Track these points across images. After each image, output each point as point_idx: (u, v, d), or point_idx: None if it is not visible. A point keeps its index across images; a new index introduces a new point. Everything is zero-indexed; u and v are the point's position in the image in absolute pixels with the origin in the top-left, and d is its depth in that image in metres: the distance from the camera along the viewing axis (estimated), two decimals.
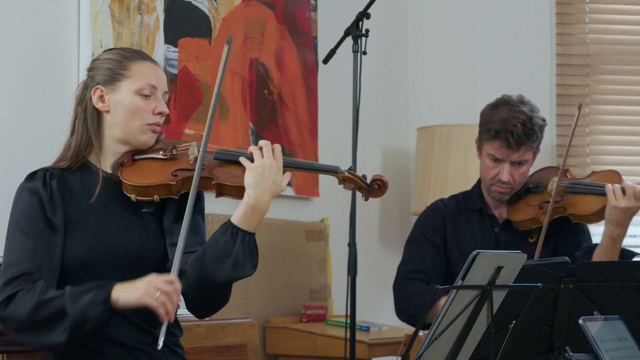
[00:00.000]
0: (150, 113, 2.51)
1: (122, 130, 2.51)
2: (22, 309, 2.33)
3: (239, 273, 2.40)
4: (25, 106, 3.36)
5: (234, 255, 2.39)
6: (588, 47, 5.17)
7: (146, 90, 2.51)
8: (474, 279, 2.22)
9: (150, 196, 2.48)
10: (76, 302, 2.30)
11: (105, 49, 2.71)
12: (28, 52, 3.37)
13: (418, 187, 4.87)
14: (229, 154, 2.55)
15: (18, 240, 2.42)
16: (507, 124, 3.34)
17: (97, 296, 2.31)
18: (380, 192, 2.61)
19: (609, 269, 2.84)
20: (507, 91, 3.56)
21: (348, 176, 2.59)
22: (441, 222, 3.50)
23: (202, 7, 4.01)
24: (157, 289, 2.28)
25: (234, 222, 2.42)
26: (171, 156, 2.54)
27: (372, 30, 3.71)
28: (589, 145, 5.11)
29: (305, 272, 4.43)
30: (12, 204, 2.49)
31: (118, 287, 2.33)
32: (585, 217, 3.36)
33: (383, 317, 4.80)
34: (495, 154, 3.38)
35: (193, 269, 2.42)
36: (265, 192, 2.42)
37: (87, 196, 2.48)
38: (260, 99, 4.29)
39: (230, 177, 2.50)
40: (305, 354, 4.09)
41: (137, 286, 2.31)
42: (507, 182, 3.38)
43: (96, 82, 2.52)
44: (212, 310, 2.53)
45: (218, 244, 2.41)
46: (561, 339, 2.73)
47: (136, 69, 2.52)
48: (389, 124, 5.14)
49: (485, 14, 5.19)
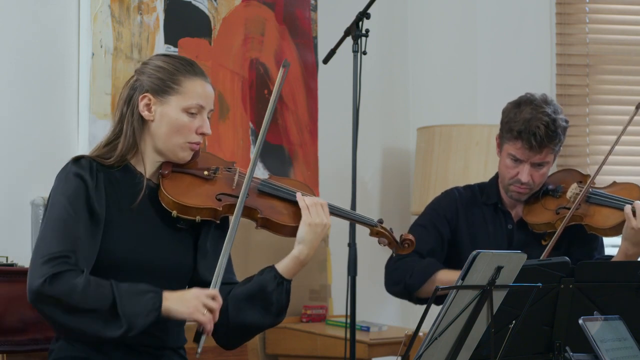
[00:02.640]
0: (194, 132, 2.50)
1: (162, 143, 2.50)
2: (75, 289, 2.29)
3: (279, 319, 2.55)
4: (25, 106, 3.36)
5: (279, 304, 2.51)
6: (588, 47, 5.16)
7: (194, 109, 2.49)
8: (474, 279, 2.22)
9: (193, 216, 2.49)
10: (130, 305, 2.31)
11: (157, 54, 2.66)
12: (28, 52, 3.37)
13: (418, 187, 4.86)
14: (274, 188, 2.60)
15: (60, 221, 2.37)
16: (530, 126, 3.26)
17: (151, 304, 2.32)
18: (409, 249, 2.75)
19: (609, 269, 2.84)
20: (507, 91, 3.55)
21: (381, 231, 2.71)
22: (453, 212, 3.45)
23: (202, 7, 4.01)
24: (204, 305, 2.35)
25: (281, 272, 2.52)
26: (213, 177, 2.55)
27: (372, 30, 3.70)
28: (589, 145, 5.10)
29: (305, 272, 4.41)
30: (54, 184, 2.44)
31: (168, 297, 2.35)
32: (602, 230, 3.30)
33: (383, 317, 4.80)
34: (516, 155, 3.31)
35: (237, 313, 2.49)
36: (314, 248, 2.57)
37: (129, 198, 2.47)
38: (260, 99, 4.29)
39: (275, 212, 2.56)
40: (305, 354, 4.09)
41: (187, 300, 2.36)
42: (526, 183, 3.32)
43: (145, 88, 2.49)
44: (239, 345, 2.60)
45: (266, 292, 2.49)
46: (561, 339, 2.73)
47: (188, 85, 2.49)
48: (389, 124, 5.14)
49: (485, 14, 5.18)
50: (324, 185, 4.55)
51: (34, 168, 3.30)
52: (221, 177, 2.55)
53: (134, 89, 2.51)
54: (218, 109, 4.04)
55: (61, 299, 2.30)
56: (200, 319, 2.34)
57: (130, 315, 2.30)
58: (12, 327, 2.62)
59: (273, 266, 2.53)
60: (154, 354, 2.48)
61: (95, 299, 2.30)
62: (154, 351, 2.48)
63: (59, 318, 2.33)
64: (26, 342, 2.64)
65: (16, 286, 2.66)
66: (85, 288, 2.30)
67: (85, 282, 2.30)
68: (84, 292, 2.29)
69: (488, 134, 4.69)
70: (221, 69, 4.07)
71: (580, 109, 5.15)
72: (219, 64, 4.07)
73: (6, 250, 3.06)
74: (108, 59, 3.58)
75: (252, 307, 2.49)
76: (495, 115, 5.12)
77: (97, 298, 2.31)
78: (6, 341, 2.57)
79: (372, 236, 2.72)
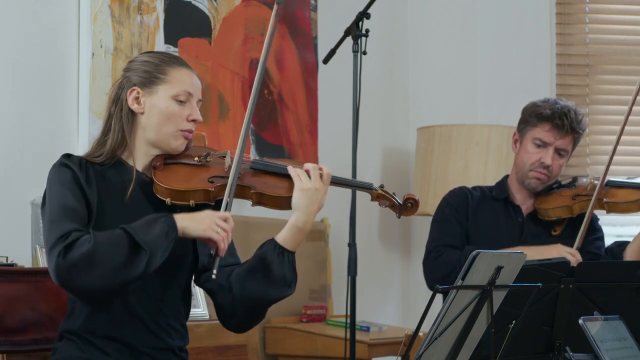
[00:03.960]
0: (184, 119, 2.53)
1: (155, 134, 2.52)
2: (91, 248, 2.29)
3: (287, 292, 2.52)
4: (25, 106, 3.36)
5: (282, 275, 2.49)
6: (588, 47, 5.17)
7: (182, 97, 2.52)
8: (474, 279, 2.22)
9: (186, 201, 2.49)
10: (147, 233, 2.33)
11: (142, 52, 2.70)
12: (28, 52, 3.37)
13: (418, 187, 4.86)
14: (266, 164, 2.61)
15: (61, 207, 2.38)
16: (562, 109, 3.44)
17: (166, 226, 2.35)
18: (413, 210, 2.71)
19: (609, 269, 2.84)
20: (507, 91, 3.58)
21: (382, 193, 2.69)
22: (465, 205, 3.53)
23: (202, 7, 4.01)
24: (217, 224, 2.37)
25: (280, 242, 2.51)
26: (205, 163, 2.56)
27: (372, 30, 3.71)
28: (589, 145, 5.10)
29: (305, 272, 4.43)
30: (47, 182, 2.45)
31: (181, 217, 2.38)
32: (624, 204, 3.40)
33: (383, 317, 4.80)
34: (543, 137, 3.43)
35: (241, 287, 2.49)
36: (311, 214, 2.55)
37: (122, 192, 2.48)
38: (260, 99, 4.29)
39: (268, 187, 2.56)
40: (305, 354, 4.09)
41: (201, 218, 2.39)
42: (548, 166, 3.42)
43: (133, 83, 2.52)
44: (251, 327, 2.59)
45: (266, 263, 2.48)
46: (561, 339, 2.73)
47: (174, 74, 2.53)
48: (389, 124, 5.14)
49: (485, 14, 5.19)
50: None
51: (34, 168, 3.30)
52: (213, 162, 2.57)
53: (122, 87, 2.55)
54: (218, 109, 4.04)
55: (81, 263, 2.29)
56: (214, 236, 2.37)
57: (151, 241, 2.32)
58: (12, 327, 2.62)
59: (273, 238, 2.54)
60: (156, 355, 2.48)
61: (114, 245, 2.31)
62: (155, 352, 2.48)
63: (89, 282, 2.30)
64: (26, 342, 2.64)
65: (16, 286, 2.66)
66: (99, 242, 2.31)
67: (96, 237, 2.32)
68: (100, 246, 2.30)
69: (488, 134, 4.70)
70: (221, 69, 4.08)
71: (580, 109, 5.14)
72: (219, 64, 4.07)
73: (6, 250, 3.06)
74: (108, 59, 3.58)
75: (254, 279, 2.48)
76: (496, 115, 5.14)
77: (115, 243, 2.32)
78: (6, 341, 2.57)
79: (373, 200, 2.72)
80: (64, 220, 2.36)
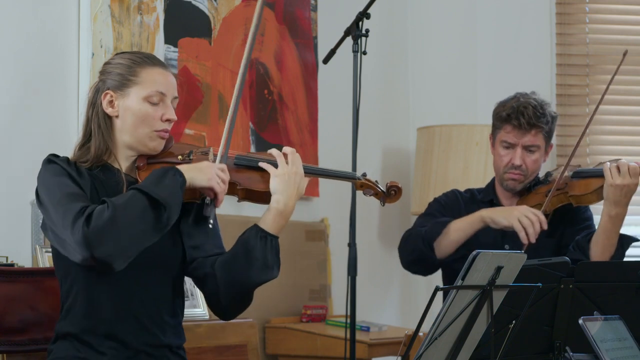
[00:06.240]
0: (159, 120, 2.54)
1: (130, 136, 2.53)
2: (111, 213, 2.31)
3: (269, 275, 2.52)
4: (25, 106, 3.36)
5: (264, 258, 2.50)
6: (588, 47, 5.17)
7: (155, 98, 2.53)
8: (474, 279, 2.22)
9: None
10: (161, 189, 2.37)
11: (117, 52, 2.71)
12: (28, 51, 3.37)
13: (418, 187, 4.87)
14: (249, 159, 2.62)
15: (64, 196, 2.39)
16: (518, 107, 3.44)
17: (177, 178, 2.40)
18: (397, 197, 2.75)
19: (609, 269, 2.84)
20: (507, 91, 3.59)
21: (366, 182, 2.73)
22: (456, 206, 3.57)
23: (202, 7, 4.01)
24: (217, 175, 2.46)
25: (262, 226, 2.53)
26: (188, 160, 2.57)
27: (372, 30, 3.71)
28: (589, 145, 5.11)
29: (305, 272, 4.43)
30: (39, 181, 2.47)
31: (185, 169, 2.44)
32: (584, 197, 3.39)
33: (383, 317, 4.80)
34: (507, 139, 3.46)
35: (224, 271, 2.50)
36: (291, 198, 2.55)
37: (115, 194, 2.47)
38: (260, 99, 4.29)
39: (252, 182, 2.59)
40: (305, 354, 4.09)
41: (203, 168, 2.47)
42: (519, 166, 3.44)
43: (107, 86, 2.54)
44: (238, 312, 2.60)
45: (247, 247, 2.50)
46: (561, 339, 2.73)
47: (145, 76, 2.53)
48: (389, 124, 5.14)
49: (485, 14, 5.19)
50: (324, 185, 4.55)
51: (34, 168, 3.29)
52: (196, 159, 2.58)
53: (97, 90, 2.56)
54: (218, 109, 4.04)
55: (107, 228, 2.31)
56: (216, 187, 2.46)
57: (167, 196, 2.37)
58: (12, 327, 2.62)
59: (255, 223, 2.55)
60: (152, 353, 2.48)
61: (133, 207, 2.34)
62: (151, 350, 2.48)
63: (119, 245, 2.32)
64: (26, 342, 2.64)
65: (16, 286, 2.66)
66: (118, 206, 2.33)
67: (113, 203, 2.34)
68: (120, 209, 2.33)
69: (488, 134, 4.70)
70: (221, 69, 4.07)
71: (580, 109, 5.15)
72: (219, 64, 4.07)
73: (6, 250, 3.06)
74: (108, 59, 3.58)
75: (236, 263, 2.50)
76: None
77: (134, 205, 2.35)
78: (6, 341, 2.57)
79: (358, 189, 2.76)
80: (74, 202, 2.37)
